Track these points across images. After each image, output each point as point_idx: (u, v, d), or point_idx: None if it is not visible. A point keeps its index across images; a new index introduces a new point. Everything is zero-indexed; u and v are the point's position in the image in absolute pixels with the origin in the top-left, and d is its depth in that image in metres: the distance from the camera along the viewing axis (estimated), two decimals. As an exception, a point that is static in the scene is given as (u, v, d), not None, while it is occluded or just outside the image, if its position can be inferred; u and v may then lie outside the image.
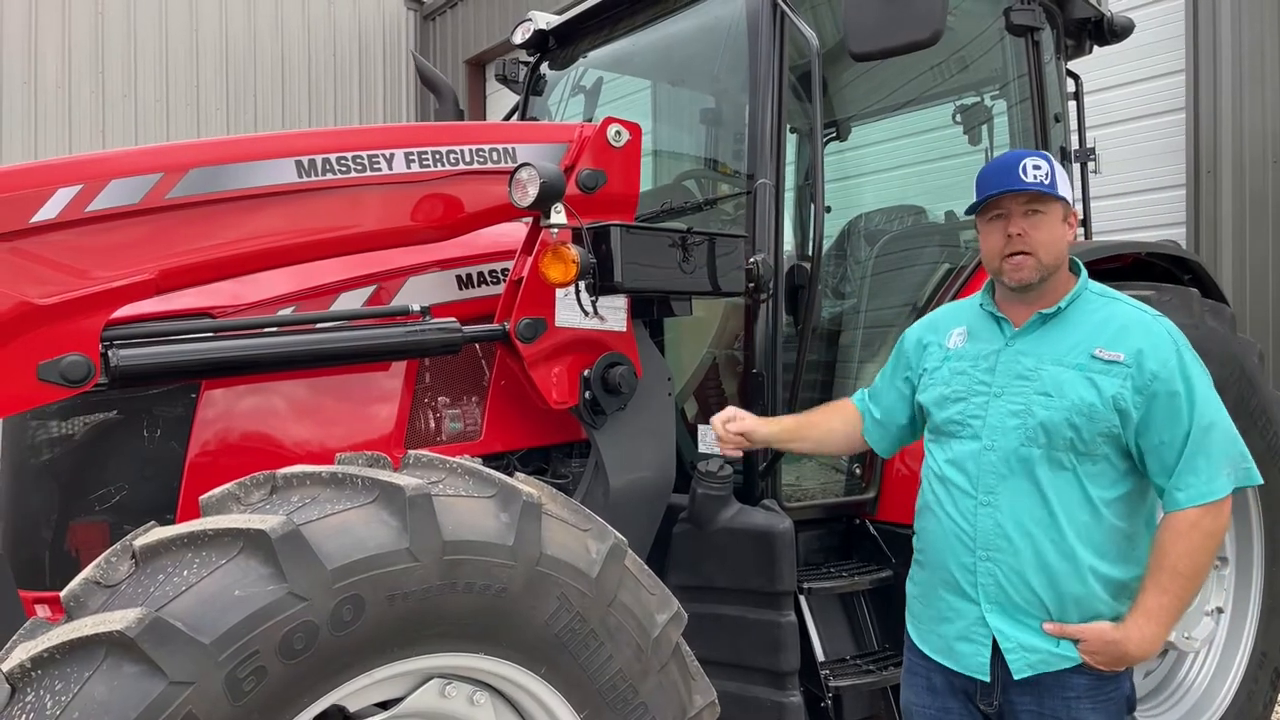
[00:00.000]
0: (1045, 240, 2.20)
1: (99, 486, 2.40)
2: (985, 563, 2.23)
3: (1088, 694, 2.19)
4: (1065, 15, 3.85)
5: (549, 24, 3.92)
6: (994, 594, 2.22)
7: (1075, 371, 2.17)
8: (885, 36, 2.55)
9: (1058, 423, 2.15)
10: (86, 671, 1.50)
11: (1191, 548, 2.10)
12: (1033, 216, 2.21)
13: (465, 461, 1.98)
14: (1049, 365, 2.21)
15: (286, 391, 2.48)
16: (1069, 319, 2.25)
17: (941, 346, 2.43)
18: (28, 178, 2.05)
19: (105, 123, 10.71)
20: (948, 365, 2.39)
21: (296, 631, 1.60)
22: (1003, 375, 2.27)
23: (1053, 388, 2.18)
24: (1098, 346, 2.17)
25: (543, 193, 2.36)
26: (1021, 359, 2.25)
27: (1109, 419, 2.13)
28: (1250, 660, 3.68)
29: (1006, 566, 2.20)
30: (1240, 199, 6.06)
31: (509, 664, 1.89)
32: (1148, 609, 2.12)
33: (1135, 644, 2.11)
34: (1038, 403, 2.19)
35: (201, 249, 2.23)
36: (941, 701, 2.35)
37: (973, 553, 2.25)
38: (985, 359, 2.32)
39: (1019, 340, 2.28)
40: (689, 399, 3.36)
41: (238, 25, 11.66)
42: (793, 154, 4.22)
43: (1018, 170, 2.20)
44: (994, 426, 2.25)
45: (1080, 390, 2.14)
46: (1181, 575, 2.10)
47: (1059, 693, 2.18)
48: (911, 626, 2.46)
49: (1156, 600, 2.11)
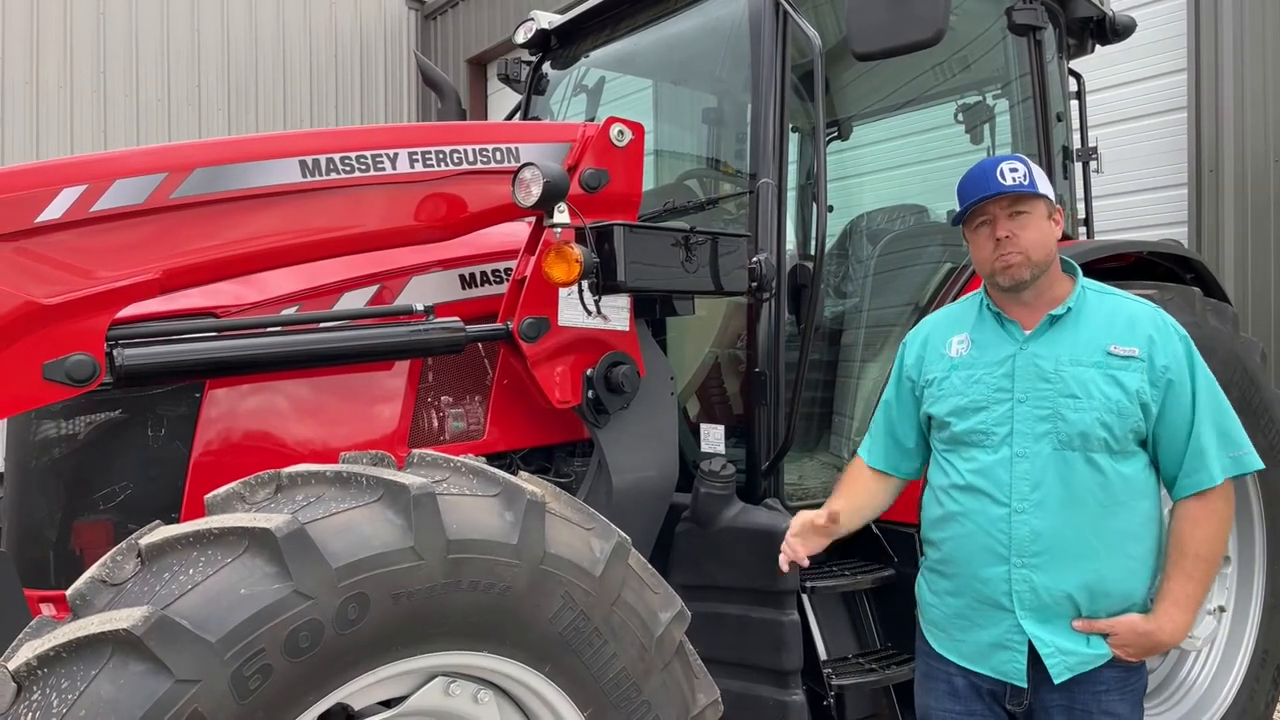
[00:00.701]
0: (1033, 239, 2.24)
1: (104, 485, 2.41)
2: (1020, 570, 2.21)
3: (1116, 686, 2.23)
4: (1067, 14, 3.85)
5: (551, 23, 3.92)
6: (1029, 601, 2.21)
7: (1096, 370, 2.19)
8: (888, 36, 2.55)
9: (1090, 423, 2.17)
10: (93, 670, 1.51)
11: (1210, 533, 2.17)
12: (1018, 218, 2.24)
13: (469, 460, 1.98)
14: (1068, 366, 2.21)
15: (290, 391, 2.49)
16: (1077, 317, 2.28)
17: (943, 356, 2.40)
18: (32, 178, 2.05)
19: (107, 123, 10.72)
20: (956, 374, 2.36)
21: (302, 630, 1.60)
22: (1023, 380, 2.25)
23: (1079, 389, 2.19)
24: (1111, 343, 2.20)
25: (546, 192, 2.37)
26: (1039, 362, 2.25)
27: (1136, 414, 2.17)
28: (1252, 659, 3.68)
29: (1044, 573, 2.19)
30: (1242, 198, 6.06)
31: (513, 662, 1.90)
32: (1175, 597, 2.17)
33: (1169, 633, 2.17)
34: (1066, 405, 2.19)
35: (205, 249, 2.23)
36: (965, 705, 2.34)
37: (1007, 561, 2.22)
38: (1000, 365, 2.29)
39: (1032, 343, 2.28)
40: (691, 398, 3.36)
41: (239, 25, 11.66)
42: (795, 153, 4.24)
43: (995, 175, 2.24)
44: (1023, 433, 2.23)
45: (1105, 388, 2.18)
46: (1204, 560, 2.17)
47: (1089, 687, 2.21)
48: (929, 633, 2.44)
49: (1183, 587, 2.17)
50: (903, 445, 2.52)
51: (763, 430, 2.98)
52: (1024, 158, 2.32)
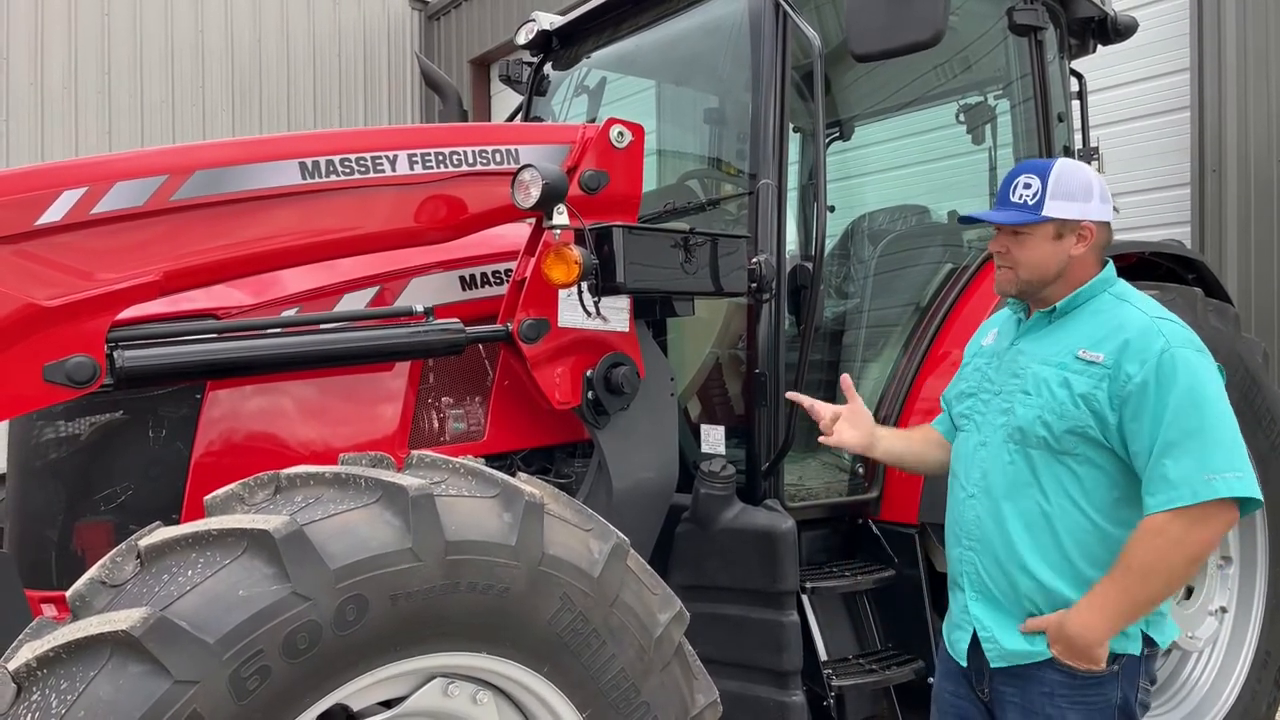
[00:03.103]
0: (1025, 259, 2.25)
1: (105, 487, 2.42)
2: (968, 552, 2.32)
3: (1063, 692, 2.18)
4: (1068, 15, 3.84)
5: (552, 24, 3.93)
6: (976, 583, 2.30)
7: (1054, 370, 2.21)
8: (887, 38, 2.56)
9: (1030, 420, 2.20)
10: (92, 670, 1.52)
11: (1151, 550, 2.04)
12: (1017, 236, 2.26)
13: (468, 462, 1.99)
14: (1036, 364, 2.25)
15: (291, 392, 2.49)
16: (1072, 320, 2.27)
17: (979, 345, 2.52)
18: (33, 180, 2.06)
19: (111, 124, 10.73)
20: (973, 362, 2.49)
21: (300, 631, 1.61)
22: (1002, 374, 2.34)
23: (1032, 386, 2.23)
24: (1082, 347, 2.18)
25: (545, 194, 2.37)
26: (1019, 358, 2.31)
27: (1078, 417, 2.13)
28: (1254, 660, 3.68)
29: (987, 558, 2.27)
30: (1245, 197, 6.05)
31: (512, 663, 1.90)
32: (1094, 597, 2.11)
33: (1075, 628, 2.09)
34: (1019, 400, 2.25)
35: (206, 251, 2.24)
36: (954, 686, 2.42)
37: (959, 542, 2.36)
38: (996, 357, 2.39)
39: (1022, 339, 2.34)
40: (692, 399, 3.36)
41: (243, 26, 11.68)
42: (797, 154, 4.23)
43: (1009, 191, 2.26)
44: (989, 423, 2.32)
45: (1054, 388, 2.18)
46: (1135, 573, 2.06)
47: (1037, 687, 2.20)
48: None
49: (1105, 591, 2.09)
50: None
51: (762, 431, 2.99)
52: (1046, 171, 2.24)
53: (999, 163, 4.01)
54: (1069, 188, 2.22)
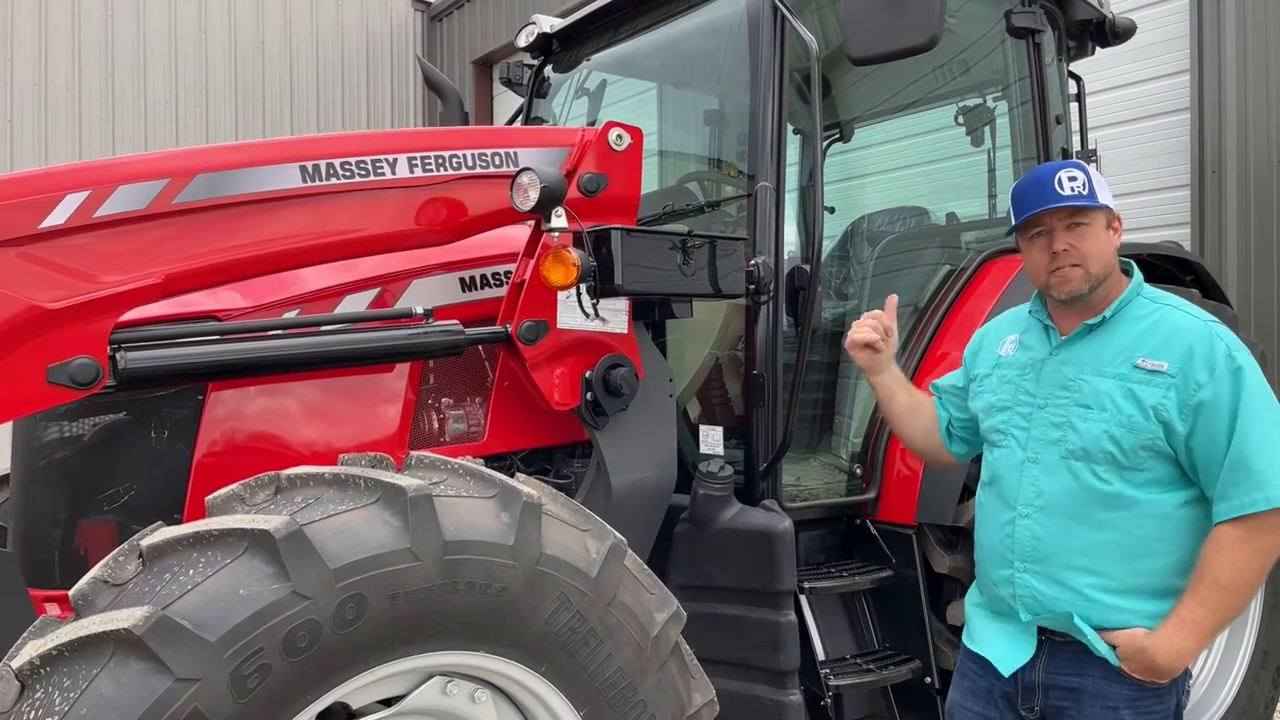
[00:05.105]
0: (1092, 250, 2.16)
1: (107, 487, 2.43)
2: (1023, 575, 2.20)
3: (1128, 704, 2.13)
4: (1066, 17, 3.86)
5: (553, 27, 3.95)
6: (1031, 605, 2.20)
7: (1115, 381, 2.11)
8: (883, 42, 2.57)
9: (1096, 435, 2.10)
10: (94, 668, 1.53)
11: (1234, 561, 2.00)
12: (1076, 229, 2.16)
13: (466, 463, 2.00)
14: (1089, 376, 2.16)
15: (292, 393, 2.51)
16: (1115, 326, 2.19)
17: (994, 354, 2.42)
18: (36, 184, 2.08)
19: (115, 125, 10.77)
20: (997, 373, 2.38)
21: (300, 630, 1.62)
22: (1046, 386, 2.23)
23: (1092, 399, 2.13)
24: (1141, 355, 2.11)
25: (543, 197, 2.38)
26: (1064, 369, 2.21)
27: (1150, 431, 2.06)
28: (1252, 659, 3.68)
29: (1044, 580, 2.17)
30: (1245, 199, 6.06)
31: (510, 662, 1.92)
32: (1181, 619, 2.04)
33: (1164, 654, 2.04)
34: (1078, 415, 2.15)
35: (207, 253, 2.26)
36: (983, 707, 2.33)
37: (1010, 565, 2.22)
38: (1031, 368, 2.29)
39: (1064, 349, 2.24)
40: (691, 400, 3.38)
41: (246, 28, 11.71)
42: (796, 156, 4.25)
43: (1053, 184, 2.15)
44: (1038, 439, 2.21)
45: (1120, 401, 2.09)
46: (1222, 588, 2.01)
47: (1100, 701, 2.14)
48: (965, 628, 2.45)
49: (1192, 612, 2.03)
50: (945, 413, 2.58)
51: (761, 432, 3.00)
52: (1083, 164, 2.23)
53: (997, 164, 4.02)
54: (1101, 180, 2.20)
